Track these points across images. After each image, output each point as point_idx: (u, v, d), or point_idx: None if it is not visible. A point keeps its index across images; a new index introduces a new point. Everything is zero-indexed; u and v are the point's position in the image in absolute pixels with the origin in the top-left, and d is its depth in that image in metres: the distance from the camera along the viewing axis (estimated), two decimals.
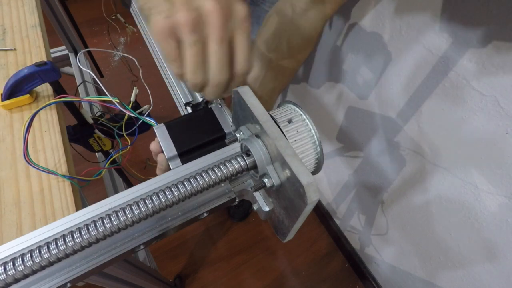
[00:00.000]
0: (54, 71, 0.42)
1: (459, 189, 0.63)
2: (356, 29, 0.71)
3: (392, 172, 0.80)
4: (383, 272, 1.08)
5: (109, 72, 1.76)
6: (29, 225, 0.36)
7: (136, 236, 0.29)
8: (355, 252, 1.20)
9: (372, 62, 0.71)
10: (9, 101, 0.45)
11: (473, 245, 0.67)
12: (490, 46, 0.47)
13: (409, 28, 0.58)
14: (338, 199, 1.17)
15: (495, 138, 0.52)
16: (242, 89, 0.29)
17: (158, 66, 0.51)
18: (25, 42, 0.55)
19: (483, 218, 0.61)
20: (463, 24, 0.49)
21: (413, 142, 0.69)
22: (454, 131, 0.59)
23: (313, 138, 0.30)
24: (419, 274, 0.89)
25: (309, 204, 0.22)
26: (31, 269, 0.22)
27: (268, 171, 0.27)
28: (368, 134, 0.82)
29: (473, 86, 0.52)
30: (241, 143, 0.31)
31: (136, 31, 0.63)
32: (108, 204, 0.28)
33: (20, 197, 0.38)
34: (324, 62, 0.87)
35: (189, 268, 1.20)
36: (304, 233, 1.31)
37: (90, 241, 0.24)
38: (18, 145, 0.43)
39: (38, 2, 0.63)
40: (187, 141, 0.35)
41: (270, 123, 0.27)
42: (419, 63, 0.59)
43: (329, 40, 0.80)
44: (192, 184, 0.26)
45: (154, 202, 0.25)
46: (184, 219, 0.30)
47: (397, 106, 0.69)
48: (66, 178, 0.39)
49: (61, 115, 0.47)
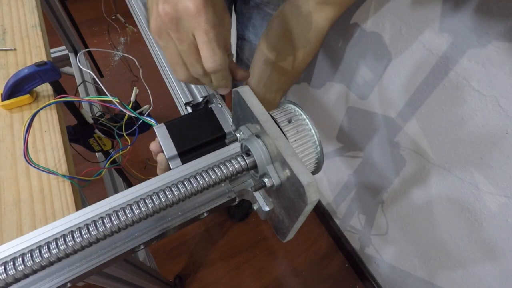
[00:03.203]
0: (54, 71, 0.42)
1: (459, 189, 0.63)
2: (356, 29, 0.71)
3: (392, 172, 0.80)
4: (383, 272, 1.08)
5: (109, 72, 1.76)
6: (29, 225, 0.36)
7: (136, 236, 0.29)
8: (355, 252, 1.20)
9: (372, 62, 0.71)
10: (9, 101, 0.45)
11: (473, 245, 0.67)
12: (490, 46, 0.47)
13: (409, 28, 0.58)
14: (338, 199, 1.17)
15: (495, 138, 0.52)
16: (242, 89, 0.29)
17: (158, 66, 0.51)
18: (25, 42, 0.55)
19: (483, 218, 0.61)
20: (463, 24, 0.49)
21: (413, 142, 0.69)
22: (454, 131, 0.59)
23: (313, 138, 0.30)
24: (419, 274, 0.89)
25: (309, 204, 0.22)
26: (31, 269, 0.22)
27: (268, 171, 0.27)
28: (368, 134, 0.82)
29: (473, 86, 0.52)
30: (241, 143, 0.31)
31: (136, 31, 0.63)
32: (108, 204, 0.28)
33: (20, 197, 0.38)
34: (324, 62, 0.87)
35: (189, 268, 1.20)
36: (304, 233, 1.31)
37: (90, 241, 0.24)
38: (18, 145, 0.43)
39: (38, 2, 0.63)
40: (187, 141, 0.35)
41: (270, 123, 0.27)
42: (419, 63, 0.59)
43: (329, 40, 0.80)
44: (192, 184, 0.26)
45: (154, 202, 0.25)
46: (184, 219, 0.30)
47: (397, 106, 0.69)
48: (66, 178, 0.39)
49: (61, 115, 0.47)
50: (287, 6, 0.45)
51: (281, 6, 0.46)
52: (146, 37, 0.55)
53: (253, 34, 0.70)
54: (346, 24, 0.73)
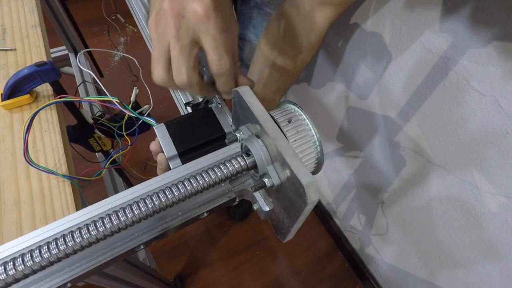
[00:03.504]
0: (54, 71, 0.42)
1: (459, 189, 0.63)
2: (356, 29, 0.71)
3: (392, 172, 0.80)
4: (383, 272, 1.08)
5: (109, 72, 1.76)
6: (29, 225, 0.36)
7: (136, 236, 0.29)
8: (355, 252, 1.20)
9: (372, 62, 0.71)
10: (9, 101, 0.45)
11: (473, 245, 0.67)
12: (490, 46, 0.47)
13: (409, 28, 0.58)
14: (338, 199, 1.17)
15: (495, 138, 0.52)
16: (242, 89, 0.29)
17: None
18: (25, 42, 0.55)
19: (483, 218, 0.61)
20: (463, 24, 0.49)
21: (413, 142, 0.69)
22: (454, 131, 0.59)
23: (313, 138, 0.30)
24: (419, 274, 0.89)
25: (309, 204, 0.22)
26: (31, 269, 0.22)
27: (268, 171, 0.27)
28: (368, 134, 0.82)
29: (473, 86, 0.52)
30: (241, 143, 0.31)
31: (136, 31, 0.63)
32: (108, 204, 0.28)
33: (20, 197, 0.38)
34: (324, 62, 0.87)
35: (189, 268, 1.20)
36: (304, 233, 1.31)
37: (90, 241, 0.24)
38: (18, 145, 0.43)
39: (38, 2, 0.63)
40: (187, 141, 0.35)
41: (270, 123, 0.26)
42: (419, 63, 0.59)
43: (330, 40, 0.80)
44: (192, 184, 0.26)
45: (154, 202, 0.25)
46: (184, 219, 0.30)
47: (397, 106, 0.69)
48: (66, 178, 0.39)
49: (61, 115, 0.47)
50: (286, 6, 0.45)
51: (281, 6, 0.46)
52: (146, 37, 0.55)
53: (253, 34, 0.70)
54: (346, 24, 0.73)
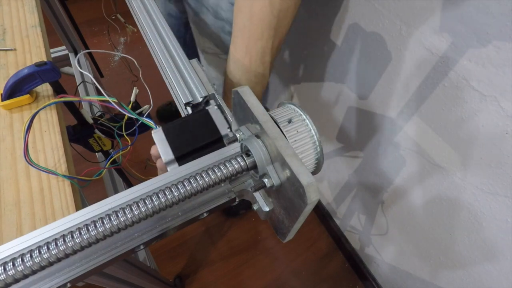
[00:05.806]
0: (54, 71, 0.42)
1: (459, 189, 0.63)
2: (356, 29, 0.71)
3: (392, 172, 0.80)
4: (383, 272, 1.08)
5: (109, 72, 1.76)
6: (29, 225, 0.36)
7: (136, 236, 0.29)
8: (355, 252, 1.20)
9: (372, 62, 0.71)
10: (9, 101, 0.45)
11: (473, 245, 0.67)
12: (490, 46, 0.47)
13: (409, 28, 0.58)
14: (338, 199, 1.17)
15: (495, 138, 0.52)
16: (242, 89, 0.29)
17: (158, 66, 0.51)
18: (25, 42, 0.55)
19: (483, 218, 0.61)
20: (463, 24, 0.49)
21: (413, 142, 0.69)
22: (454, 131, 0.59)
23: (313, 138, 0.30)
24: (419, 274, 0.89)
25: (309, 204, 0.22)
26: (31, 269, 0.22)
27: (268, 171, 0.27)
28: (368, 134, 0.82)
29: (473, 86, 0.52)
30: (241, 143, 0.31)
31: (136, 31, 0.63)
32: (108, 204, 0.28)
33: (20, 197, 0.38)
34: (324, 62, 0.87)
35: (189, 268, 1.20)
36: (304, 233, 1.31)
37: (90, 241, 0.24)
38: (18, 145, 0.43)
39: (38, 2, 0.63)
40: (184, 145, 0.35)
41: (270, 123, 0.26)
42: (419, 63, 0.59)
43: (329, 40, 0.80)
44: (192, 184, 0.26)
45: (154, 202, 0.25)
46: (184, 219, 0.30)
47: (397, 106, 0.69)
48: (66, 178, 0.39)
49: (61, 115, 0.47)
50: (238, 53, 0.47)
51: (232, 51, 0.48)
52: (146, 37, 0.55)
53: None
54: (345, 24, 0.73)
